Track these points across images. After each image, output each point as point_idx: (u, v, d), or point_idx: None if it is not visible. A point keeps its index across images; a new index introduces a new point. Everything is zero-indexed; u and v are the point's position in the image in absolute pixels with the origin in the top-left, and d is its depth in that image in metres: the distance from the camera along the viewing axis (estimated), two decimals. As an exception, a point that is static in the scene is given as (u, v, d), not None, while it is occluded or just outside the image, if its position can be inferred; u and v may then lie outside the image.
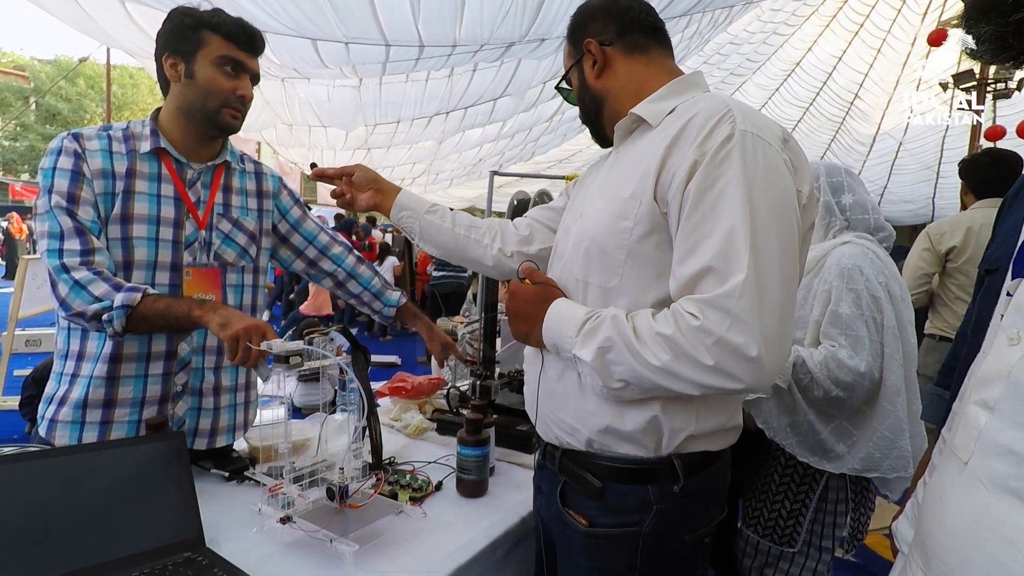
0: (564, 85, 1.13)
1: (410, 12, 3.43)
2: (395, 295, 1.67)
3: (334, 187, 1.30)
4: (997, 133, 6.55)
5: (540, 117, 9.06)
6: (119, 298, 1.10)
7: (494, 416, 1.50)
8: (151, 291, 1.15)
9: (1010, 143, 6.71)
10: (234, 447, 1.43)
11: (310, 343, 1.08)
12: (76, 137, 1.20)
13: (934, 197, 12.00)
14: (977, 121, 6.80)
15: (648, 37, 1.02)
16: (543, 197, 1.72)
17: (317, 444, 1.13)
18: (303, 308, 6.50)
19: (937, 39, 6.12)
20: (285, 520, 1.01)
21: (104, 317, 1.10)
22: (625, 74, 1.01)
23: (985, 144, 6.72)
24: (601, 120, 1.05)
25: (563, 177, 5.41)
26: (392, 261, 8.36)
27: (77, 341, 1.23)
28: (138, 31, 3.88)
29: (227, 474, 1.31)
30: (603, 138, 1.09)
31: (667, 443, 0.89)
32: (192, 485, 1.05)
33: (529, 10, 3.58)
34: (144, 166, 1.24)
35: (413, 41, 3.85)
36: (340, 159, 8.24)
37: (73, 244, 1.13)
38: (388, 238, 10.72)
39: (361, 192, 1.27)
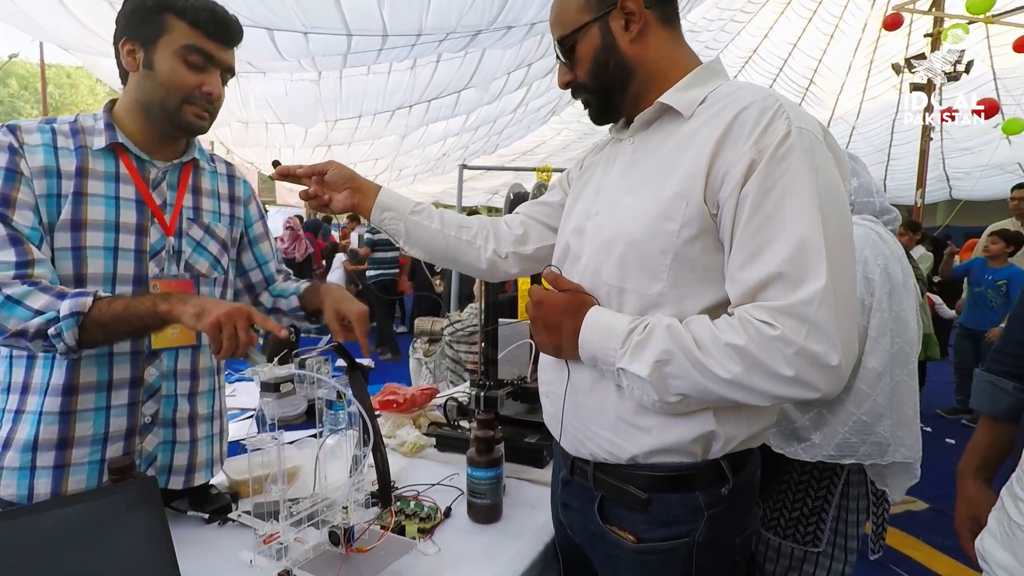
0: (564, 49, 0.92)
1: (374, -2, 3.25)
2: (294, 284, 1.37)
3: (304, 188, 1.14)
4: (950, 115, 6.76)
5: (504, 109, 8.95)
6: (65, 306, 0.94)
7: (499, 429, 1.38)
8: (102, 293, 0.98)
9: (961, 124, 6.96)
10: (211, 482, 1.27)
11: (302, 365, 0.94)
12: (12, 130, 1.01)
13: (885, 179, 12.41)
14: (929, 104, 6.99)
15: (676, 8, 0.91)
16: (540, 190, 1.60)
17: (314, 477, 0.99)
18: None
19: (893, 23, 6.24)
20: (285, 575, 0.87)
21: (50, 332, 0.93)
22: (656, 47, 0.89)
23: (945, 127, 6.94)
24: (624, 95, 0.91)
25: (533, 169, 5.33)
26: (341, 258, 7.79)
27: (21, 371, 1.04)
28: (74, 22, 3.57)
29: (207, 516, 1.15)
30: (609, 115, 0.96)
31: (718, 450, 0.83)
32: (168, 538, 0.89)
33: (498, -6, 3.45)
34: (98, 164, 1.06)
35: (377, 30, 3.65)
36: (299, 157, 7.92)
37: (7, 255, 0.95)
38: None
39: (336, 192, 1.11)
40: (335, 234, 10.25)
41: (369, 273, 6.73)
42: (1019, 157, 9.96)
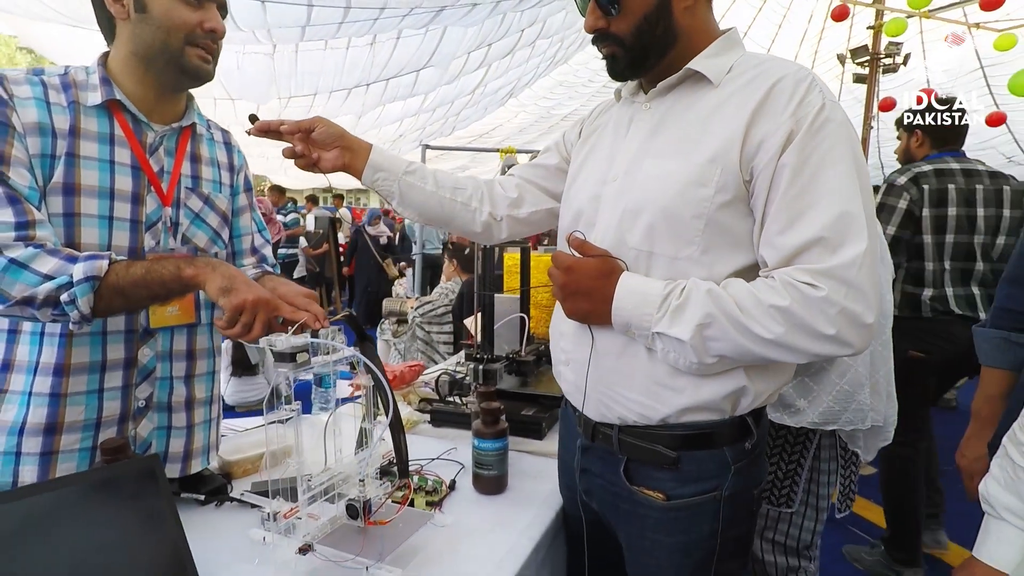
0: None
1: (340, -35, 3.10)
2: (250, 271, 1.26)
3: (287, 145, 1.06)
4: (890, 104, 7.13)
5: (463, 90, 8.83)
6: (79, 269, 0.86)
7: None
8: (116, 257, 0.91)
9: (893, 115, 7.36)
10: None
11: (315, 335, 0.90)
12: None
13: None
14: (875, 94, 7.33)
15: None
16: (507, 169, 1.59)
17: (324, 451, 0.96)
18: None
19: (840, 14, 6.49)
20: (305, 550, 0.85)
21: (63, 298, 0.86)
22: (701, 19, 0.89)
23: (881, 115, 7.31)
24: (661, 59, 0.89)
25: (495, 150, 5.27)
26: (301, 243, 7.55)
27: (3, 346, 0.95)
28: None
29: (202, 497, 1.10)
30: (635, 74, 0.94)
31: (746, 406, 0.87)
32: (177, 518, 0.85)
33: (469, -31, 3.36)
34: (91, 123, 0.97)
35: (340, 1, 3.51)
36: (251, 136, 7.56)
37: (5, 215, 0.86)
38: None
39: (324, 151, 1.05)
40: (344, 212, 9.93)
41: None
42: (947, 146, 10.63)
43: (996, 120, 7.81)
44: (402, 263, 6.87)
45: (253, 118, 1.06)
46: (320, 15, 3.83)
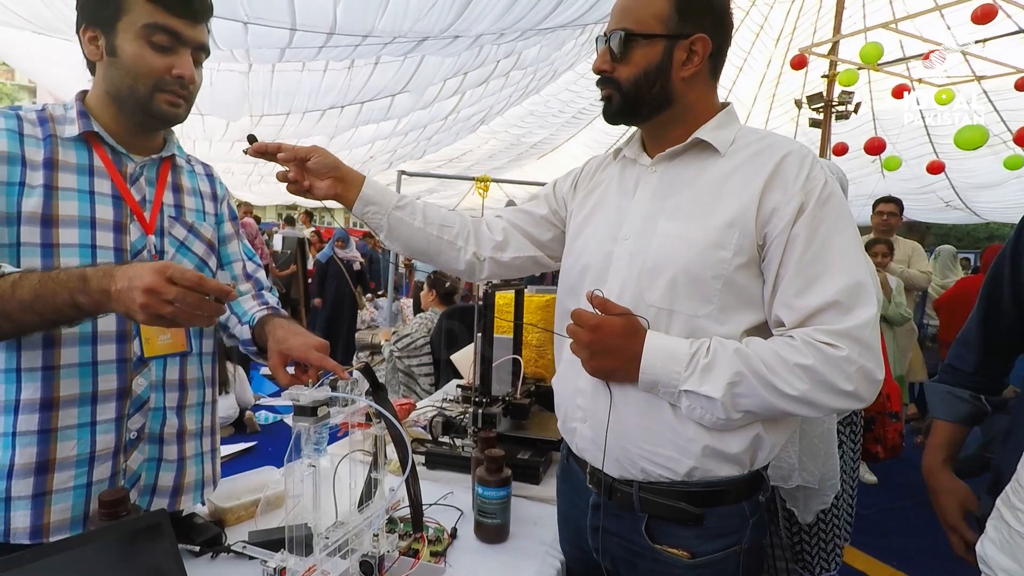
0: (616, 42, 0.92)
1: (331, -5, 3.11)
2: (253, 307, 1.22)
3: (282, 169, 1.07)
4: (843, 149, 7.57)
5: (436, 115, 8.88)
6: None
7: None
8: (7, 268, 0.84)
9: (848, 157, 7.81)
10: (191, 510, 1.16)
11: (333, 387, 0.90)
12: None
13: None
14: (827, 137, 7.75)
15: (722, 67, 0.99)
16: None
17: (334, 503, 0.94)
18: None
19: (799, 63, 6.87)
20: (321, 611, 0.82)
21: None
22: (697, 93, 0.96)
23: (833, 158, 7.72)
24: (652, 117, 0.96)
25: (470, 179, 5.29)
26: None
27: None
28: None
29: (197, 548, 1.06)
30: (625, 122, 1.00)
31: (764, 457, 0.91)
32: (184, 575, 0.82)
33: (457, 4, 3.41)
34: (69, 155, 0.97)
35: (324, 27, 3.51)
36: (217, 151, 7.40)
37: None
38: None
39: (319, 181, 1.07)
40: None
41: None
42: (891, 190, 11.28)
43: (936, 168, 8.39)
44: (371, 295, 6.54)
45: (252, 138, 1.06)
46: (302, 39, 3.82)
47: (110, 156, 1.01)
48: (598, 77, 0.99)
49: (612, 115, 0.99)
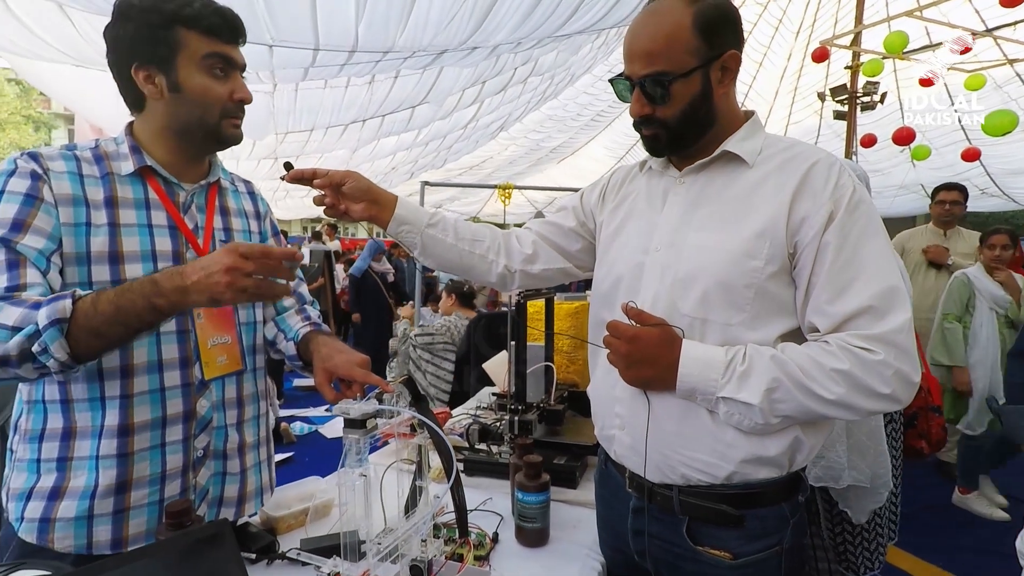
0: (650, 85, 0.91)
1: (353, 14, 3.20)
2: (298, 323, 1.28)
3: (318, 193, 1.12)
4: (871, 140, 7.41)
5: (456, 124, 8.98)
6: (43, 314, 0.81)
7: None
8: (80, 292, 0.87)
9: (876, 148, 7.64)
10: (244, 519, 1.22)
11: (379, 399, 0.94)
12: (34, 157, 0.96)
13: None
14: (853, 129, 7.61)
15: None
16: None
17: (382, 510, 0.98)
18: None
19: (820, 56, 6.77)
20: (377, 613, 0.86)
21: (35, 348, 0.81)
22: (730, 101, 0.97)
23: (861, 150, 7.57)
24: (699, 140, 0.97)
25: (493, 187, 5.33)
26: None
27: (58, 416, 0.97)
28: (17, 24, 3.30)
29: (253, 556, 1.11)
30: (672, 152, 1.00)
31: (802, 459, 0.93)
32: (247, 584, 0.86)
33: (475, 17, 3.49)
34: (127, 191, 1.02)
35: (346, 45, 3.61)
36: (244, 168, 7.61)
37: (1, 280, 0.87)
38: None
39: (354, 204, 1.12)
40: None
41: None
42: (922, 179, 11.01)
43: (971, 155, 8.15)
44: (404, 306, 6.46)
45: (288, 165, 1.11)
46: (324, 58, 3.92)
47: (163, 187, 1.06)
48: (635, 120, 0.97)
49: (660, 151, 1.00)
